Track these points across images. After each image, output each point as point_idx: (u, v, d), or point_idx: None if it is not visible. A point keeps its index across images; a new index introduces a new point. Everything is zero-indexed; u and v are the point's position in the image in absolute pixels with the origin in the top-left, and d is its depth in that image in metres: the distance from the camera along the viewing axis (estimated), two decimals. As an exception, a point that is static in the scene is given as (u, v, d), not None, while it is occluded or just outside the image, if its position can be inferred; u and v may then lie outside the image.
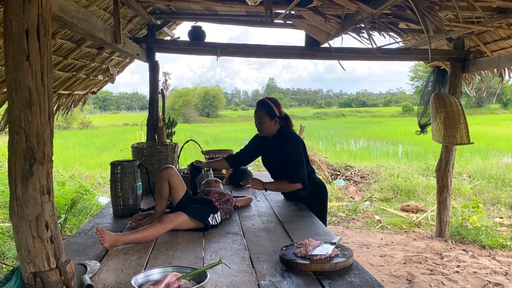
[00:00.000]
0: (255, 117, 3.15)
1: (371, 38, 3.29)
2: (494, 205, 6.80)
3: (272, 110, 3.08)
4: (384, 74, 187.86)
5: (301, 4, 3.11)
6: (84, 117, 26.35)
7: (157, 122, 4.51)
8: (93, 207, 6.30)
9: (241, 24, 4.81)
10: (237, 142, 13.05)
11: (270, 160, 3.27)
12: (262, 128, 3.13)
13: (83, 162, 11.19)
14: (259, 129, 3.17)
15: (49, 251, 1.49)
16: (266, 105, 3.11)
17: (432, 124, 4.82)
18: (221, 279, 1.78)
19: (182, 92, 35.74)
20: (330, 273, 1.83)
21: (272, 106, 3.10)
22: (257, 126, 3.16)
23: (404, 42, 5.10)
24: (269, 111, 3.08)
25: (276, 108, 3.10)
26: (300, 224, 2.67)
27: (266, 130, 3.13)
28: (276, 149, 3.11)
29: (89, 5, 3.03)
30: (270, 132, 3.14)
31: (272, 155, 3.17)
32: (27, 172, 1.44)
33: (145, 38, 4.54)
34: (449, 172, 5.08)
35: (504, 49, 4.41)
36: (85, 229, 2.54)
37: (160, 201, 2.61)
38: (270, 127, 3.10)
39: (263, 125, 3.11)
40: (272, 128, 3.11)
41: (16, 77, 1.42)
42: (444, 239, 5.09)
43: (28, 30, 1.42)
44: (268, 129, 3.11)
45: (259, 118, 3.12)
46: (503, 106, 35.60)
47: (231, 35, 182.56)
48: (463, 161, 10.25)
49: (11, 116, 1.45)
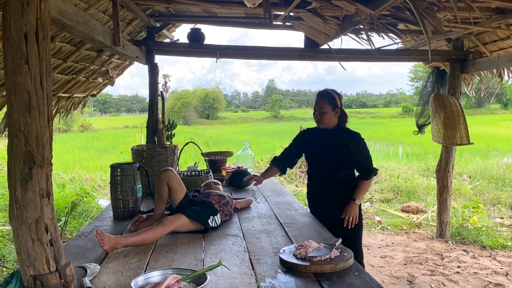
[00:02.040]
0: (316, 108, 3.02)
1: (370, 39, 3.30)
2: (495, 205, 6.79)
3: (335, 101, 2.98)
4: (384, 75, 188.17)
5: (300, 6, 3.12)
6: (84, 120, 26.38)
7: (157, 124, 4.51)
8: (93, 209, 6.30)
9: (240, 26, 4.82)
10: (237, 144, 13.06)
11: (326, 154, 3.03)
12: (323, 118, 2.99)
13: (83, 165, 11.20)
14: (320, 120, 3.01)
15: (49, 254, 1.49)
16: (329, 95, 3.00)
17: (432, 125, 4.83)
18: (221, 281, 1.78)
19: (182, 94, 35.79)
20: (330, 274, 1.83)
21: (335, 97, 3.00)
22: (317, 117, 3.02)
23: (403, 43, 5.10)
24: (332, 101, 2.97)
25: (338, 99, 3.01)
26: (300, 225, 2.67)
27: (327, 121, 2.99)
28: (338, 143, 2.97)
29: (88, 8, 3.03)
30: (331, 124, 3.01)
31: (331, 150, 2.99)
32: (26, 175, 1.44)
33: (145, 41, 4.55)
34: (449, 173, 5.08)
35: (503, 49, 4.41)
36: (85, 232, 2.54)
37: (160, 203, 2.61)
38: (331, 118, 2.98)
39: (325, 115, 2.97)
40: (332, 120, 2.99)
41: (15, 80, 1.43)
42: (444, 239, 5.09)
43: (27, 33, 1.43)
44: (329, 119, 2.98)
45: (321, 108, 2.98)
46: (503, 106, 35.63)
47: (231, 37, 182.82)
48: (463, 161, 10.25)
49: (10, 120, 1.45)
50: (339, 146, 2.96)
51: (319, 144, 3.07)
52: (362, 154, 2.97)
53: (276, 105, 44.05)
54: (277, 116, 39.96)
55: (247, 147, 4.81)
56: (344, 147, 2.94)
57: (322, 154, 3.06)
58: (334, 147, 2.98)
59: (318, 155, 3.09)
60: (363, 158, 2.97)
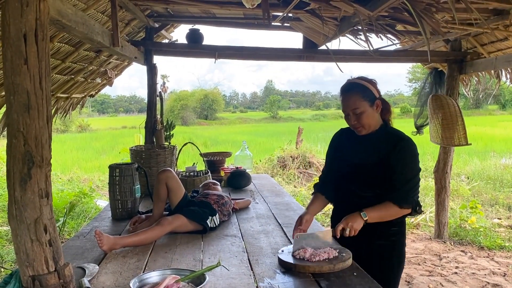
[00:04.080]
0: (346, 111, 2.16)
1: (368, 40, 3.31)
2: (493, 206, 6.81)
3: (369, 92, 2.13)
4: (381, 76, 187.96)
5: (298, 7, 3.12)
6: (82, 120, 26.36)
7: (156, 125, 4.52)
8: (91, 210, 6.30)
9: (239, 26, 4.82)
10: (236, 144, 13.06)
11: (361, 165, 2.17)
12: (362, 121, 2.12)
13: (82, 165, 11.20)
14: (358, 125, 2.14)
15: (48, 254, 1.49)
16: (360, 87, 2.14)
17: (430, 126, 4.84)
18: (220, 281, 1.78)
19: (180, 96, 35.79)
20: (329, 274, 1.83)
21: (368, 86, 2.14)
22: (353, 123, 2.15)
23: (401, 44, 5.11)
24: (366, 94, 2.12)
25: (373, 87, 2.16)
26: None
27: (369, 122, 2.13)
28: (378, 150, 2.13)
29: (87, 8, 3.04)
30: (374, 124, 2.15)
31: (368, 159, 2.15)
32: (25, 175, 1.44)
33: (143, 41, 4.55)
34: (447, 174, 5.09)
35: (501, 50, 4.43)
36: (83, 232, 2.54)
37: (158, 204, 2.61)
38: (373, 117, 2.13)
39: (362, 115, 2.10)
40: (375, 118, 2.15)
41: (14, 81, 1.43)
42: (442, 240, 5.10)
43: (26, 34, 1.43)
44: (371, 119, 2.13)
45: (354, 109, 2.11)
46: (501, 107, 35.74)
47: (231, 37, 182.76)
48: (461, 162, 10.28)
49: (9, 120, 1.45)
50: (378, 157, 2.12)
51: (348, 152, 2.26)
52: (404, 172, 2.08)
53: (275, 106, 44.10)
54: (275, 116, 40.00)
55: (245, 147, 4.82)
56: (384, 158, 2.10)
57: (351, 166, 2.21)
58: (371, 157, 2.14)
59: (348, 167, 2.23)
60: (403, 177, 2.07)
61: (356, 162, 2.18)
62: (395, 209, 2.06)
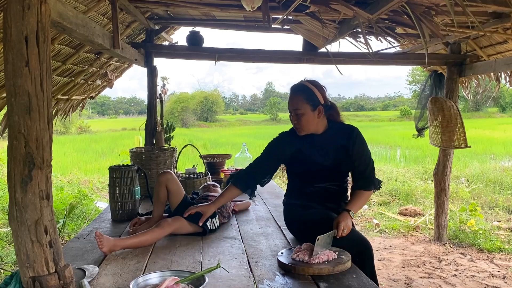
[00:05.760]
0: (290, 109, 2.32)
1: (368, 43, 3.32)
2: (492, 208, 6.81)
3: (314, 96, 2.25)
4: (381, 79, 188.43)
5: (298, 10, 3.13)
6: (82, 122, 26.35)
7: (156, 127, 4.52)
8: (91, 212, 6.29)
9: (239, 29, 4.83)
10: (236, 146, 13.06)
11: (317, 163, 2.31)
12: (301, 122, 2.27)
13: (81, 167, 11.19)
14: (297, 125, 2.31)
15: (48, 255, 1.50)
16: (305, 90, 2.28)
17: (430, 128, 4.85)
18: (219, 283, 1.79)
19: (180, 98, 35.80)
20: (328, 277, 1.84)
21: (313, 91, 2.26)
22: (294, 121, 2.32)
23: (401, 46, 5.12)
24: (310, 98, 2.25)
25: (319, 93, 2.28)
26: (298, 228, 2.67)
27: (307, 126, 2.28)
28: (335, 146, 2.31)
29: (87, 10, 3.05)
30: (313, 129, 2.30)
31: (324, 156, 2.30)
32: (26, 177, 1.45)
33: (143, 43, 4.56)
34: (447, 176, 5.10)
35: (500, 53, 4.44)
36: (83, 234, 2.55)
37: (158, 205, 2.62)
38: (313, 121, 2.27)
39: (302, 118, 2.26)
40: (315, 123, 2.28)
41: (15, 83, 1.43)
42: (442, 242, 5.10)
43: (27, 36, 1.44)
44: (310, 123, 2.27)
45: (295, 109, 2.27)
46: (500, 110, 35.74)
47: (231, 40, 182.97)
48: (461, 164, 10.28)
49: (10, 122, 1.46)
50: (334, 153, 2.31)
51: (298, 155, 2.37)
52: (363, 160, 2.32)
53: (274, 108, 44.07)
54: (275, 118, 39.98)
55: (245, 149, 4.82)
56: (340, 152, 2.31)
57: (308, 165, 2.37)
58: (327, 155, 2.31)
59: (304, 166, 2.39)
60: (364, 164, 2.32)
61: (318, 162, 2.32)
62: (367, 194, 2.35)
